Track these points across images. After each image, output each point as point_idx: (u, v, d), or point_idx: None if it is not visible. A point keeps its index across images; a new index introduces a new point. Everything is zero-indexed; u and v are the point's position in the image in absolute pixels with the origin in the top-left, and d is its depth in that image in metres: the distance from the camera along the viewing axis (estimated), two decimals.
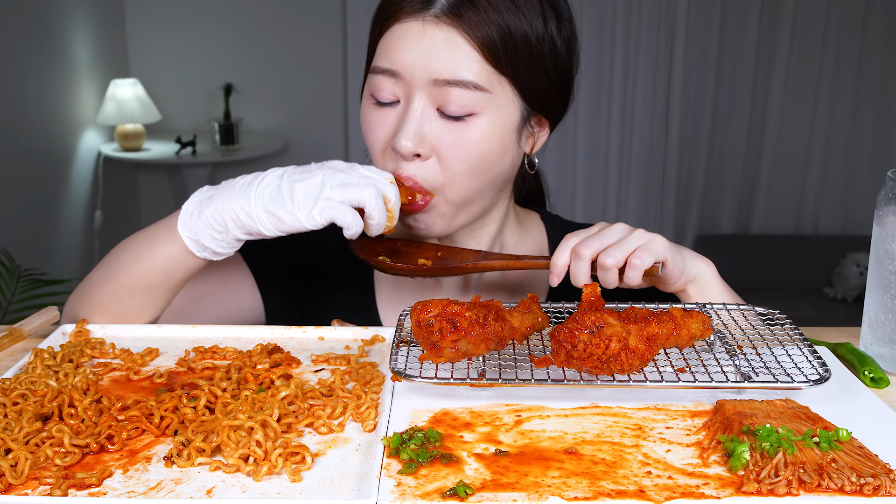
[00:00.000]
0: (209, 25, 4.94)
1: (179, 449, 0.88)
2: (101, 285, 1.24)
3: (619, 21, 4.86)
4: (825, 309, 4.61)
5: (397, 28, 1.19)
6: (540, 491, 0.81)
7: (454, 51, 1.15)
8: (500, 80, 1.18)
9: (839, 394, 1.03)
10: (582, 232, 1.15)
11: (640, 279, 1.12)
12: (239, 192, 1.12)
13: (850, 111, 5.02)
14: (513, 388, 1.02)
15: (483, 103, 1.17)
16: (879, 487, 0.80)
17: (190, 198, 1.17)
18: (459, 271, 1.21)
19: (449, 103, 1.16)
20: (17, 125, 3.87)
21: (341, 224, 1.09)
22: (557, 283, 1.14)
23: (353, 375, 1.07)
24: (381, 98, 1.21)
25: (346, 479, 0.85)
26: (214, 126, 4.72)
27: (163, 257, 1.19)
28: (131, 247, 1.23)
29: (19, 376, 1.04)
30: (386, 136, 1.21)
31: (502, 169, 1.25)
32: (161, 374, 1.08)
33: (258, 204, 1.10)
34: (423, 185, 1.20)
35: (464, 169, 1.20)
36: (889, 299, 1.15)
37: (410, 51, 1.16)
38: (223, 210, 1.12)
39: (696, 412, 0.98)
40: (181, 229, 1.16)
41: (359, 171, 1.13)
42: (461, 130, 1.18)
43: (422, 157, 1.19)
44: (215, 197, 1.14)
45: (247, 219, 1.11)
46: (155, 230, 1.21)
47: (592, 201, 5.15)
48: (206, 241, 1.15)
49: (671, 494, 0.80)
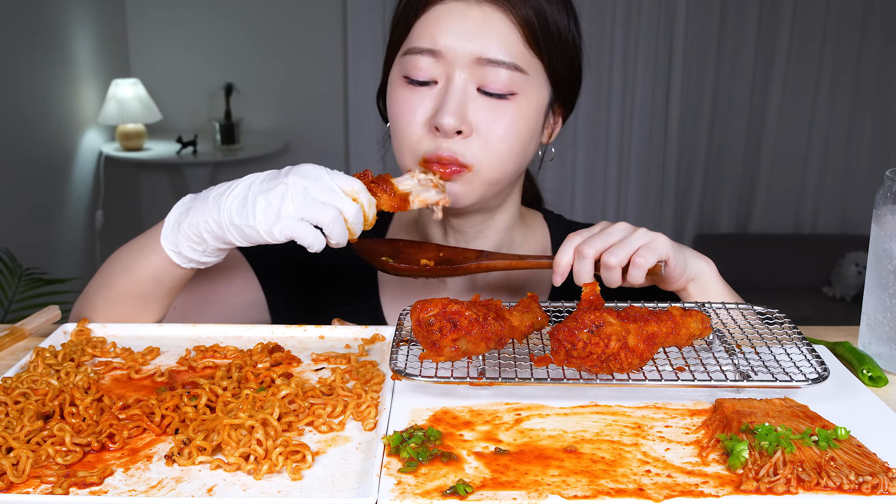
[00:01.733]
0: (210, 25, 4.95)
1: (180, 447, 0.88)
2: (97, 294, 1.26)
3: (619, 21, 4.86)
4: (824, 308, 4.61)
5: (439, 8, 1.21)
6: (539, 489, 0.81)
7: (497, 30, 1.19)
8: (536, 64, 1.23)
9: (838, 392, 1.03)
10: (585, 231, 1.16)
11: (644, 278, 1.13)
12: (213, 203, 1.11)
13: (848, 111, 5.02)
14: (512, 387, 1.02)
15: (521, 84, 1.21)
16: (878, 486, 0.80)
17: (172, 209, 1.18)
18: (463, 271, 1.21)
19: (491, 82, 1.20)
20: (19, 125, 3.88)
21: (301, 243, 1.08)
22: (561, 282, 1.15)
23: (354, 374, 1.07)
24: (418, 77, 1.22)
25: (346, 477, 0.85)
26: (215, 126, 4.73)
27: (151, 268, 1.20)
28: (123, 256, 1.24)
29: (21, 375, 1.04)
30: (424, 115, 1.22)
31: (531, 151, 1.29)
32: (162, 372, 1.08)
33: (227, 217, 1.09)
34: (463, 161, 1.21)
35: (504, 146, 1.22)
36: (887, 298, 1.15)
37: (453, 31, 1.19)
38: (198, 223, 1.12)
39: (695, 411, 0.98)
40: (163, 242, 1.17)
41: (325, 181, 1.08)
42: (502, 108, 1.21)
43: (463, 135, 1.21)
44: (192, 209, 1.14)
45: (219, 231, 1.11)
46: (142, 241, 1.21)
47: (592, 201, 5.15)
48: (187, 253, 1.16)
49: (670, 493, 0.81)
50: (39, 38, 4.01)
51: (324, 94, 5.05)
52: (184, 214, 1.15)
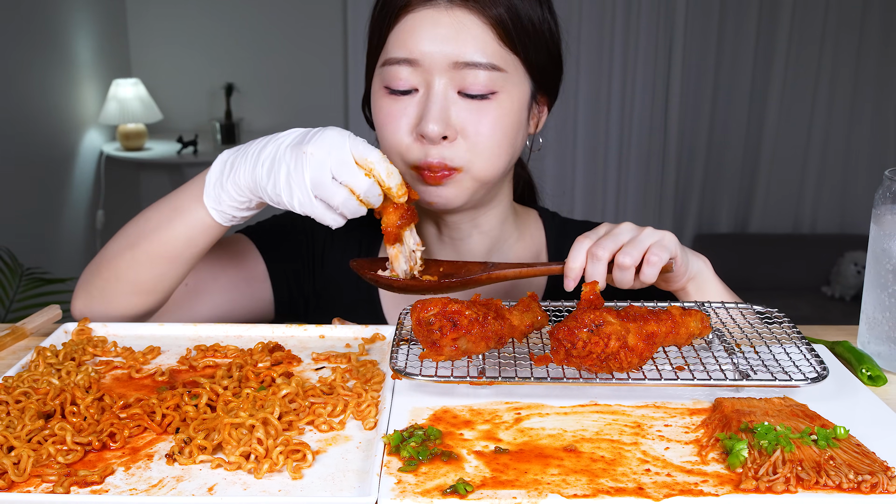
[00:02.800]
0: (210, 25, 4.95)
1: (181, 447, 0.88)
2: (120, 255, 1.24)
3: (619, 21, 4.86)
4: (823, 307, 4.62)
5: (411, 17, 1.21)
6: (539, 488, 0.81)
7: (470, 33, 1.20)
8: (514, 60, 1.24)
9: (837, 392, 1.03)
10: (592, 233, 1.14)
11: (657, 276, 1.12)
12: (251, 160, 1.13)
13: (847, 111, 5.03)
14: (512, 386, 1.02)
15: (501, 82, 1.22)
16: (877, 485, 0.80)
17: (212, 167, 1.18)
18: (473, 283, 1.19)
19: (470, 84, 1.20)
20: (20, 125, 3.88)
21: (321, 222, 1.11)
22: (573, 286, 1.13)
23: (354, 373, 1.08)
24: (399, 87, 1.23)
25: (346, 476, 0.85)
26: (216, 125, 4.73)
27: (187, 226, 1.20)
28: (153, 216, 1.23)
29: (22, 374, 1.04)
30: (409, 124, 1.23)
31: (519, 145, 1.30)
32: (163, 372, 1.09)
33: (260, 178, 1.11)
34: (452, 165, 1.22)
35: (491, 144, 1.23)
36: (886, 297, 1.15)
37: (427, 38, 1.20)
38: (241, 181, 1.14)
39: (694, 410, 0.98)
40: (206, 200, 1.17)
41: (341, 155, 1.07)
42: (484, 108, 1.22)
43: (449, 139, 1.22)
44: (235, 165, 1.15)
45: (258, 189, 1.13)
46: (177, 199, 1.21)
47: (592, 200, 5.16)
48: (229, 210, 1.18)
49: (670, 492, 0.81)
50: (40, 38, 4.01)
51: (324, 93, 5.05)
52: (227, 171, 1.16)
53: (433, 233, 1.41)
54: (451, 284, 1.18)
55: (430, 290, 1.19)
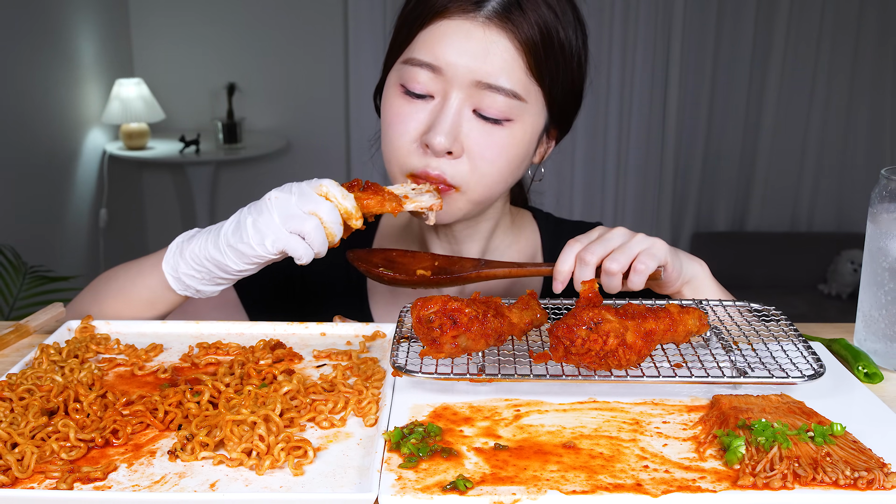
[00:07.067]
0: (213, 25, 4.95)
1: (183, 443, 0.89)
2: (88, 309, 1.29)
3: (617, 21, 4.86)
4: (819, 305, 4.62)
5: (444, 24, 1.19)
6: (538, 485, 0.82)
7: (501, 56, 1.17)
8: (536, 91, 1.21)
9: (833, 389, 1.04)
10: (584, 237, 1.15)
11: (644, 284, 1.13)
12: (213, 231, 1.15)
13: (844, 109, 5.02)
14: (512, 384, 1.03)
15: (518, 111, 1.20)
16: (873, 481, 0.81)
17: (175, 239, 1.20)
18: (462, 281, 1.20)
19: (488, 106, 1.18)
20: (23, 124, 3.89)
21: (292, 255, 1.10)
22: (561, 289, 1.14)
23: (355, 371, 1.08)
24: (415, 90, 1.21)
25: (347, 472, 0.86)
26: (218, 125, 4.74)
27: (147, 290, 1.23)
28: (119, 275, 1.27)
29: (25, 372, 1.05)
30: (416, 129, 1.21)
31: (520, 174, 1.29)
32: (165, 369, 1.09)
33: (224, 240, 1.12)
34: (451, 182, 1.21)
35: (493, 170, 1.22)
36: (882, 296, 1.16)
37: (457, 49, 1.17)
38: (200, 249, 1.15)
39: (692, 407, 0.99)
40: (164, 266, 1.19)
41: (302, 189, 1.10)
42: (496, 133, 1.20)
43: (453, 155, 1.20)
44: (195, 238, 1.17)
45: (218, 255, 1.13)
46: (140, 264, 1.25)
47: (590, 199, 5.15)
48: (186, 279, 1.19)
49: (668, 488, 0.81)
50: (43, 38, 4.02)
51: (325, 93, 5.05)
52: (187, 242, 1.18)
53: (432, 236, 1.41)
54: (441, 281, 1.19)
55: (419, 285, 1.20)
